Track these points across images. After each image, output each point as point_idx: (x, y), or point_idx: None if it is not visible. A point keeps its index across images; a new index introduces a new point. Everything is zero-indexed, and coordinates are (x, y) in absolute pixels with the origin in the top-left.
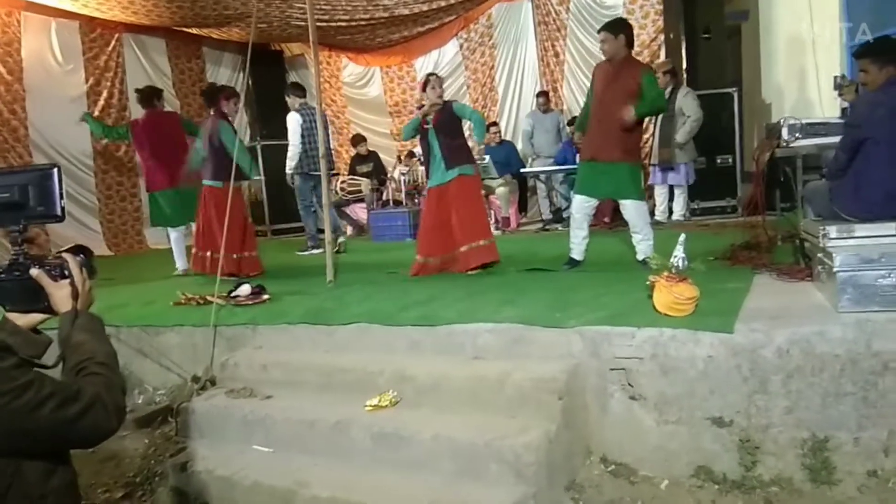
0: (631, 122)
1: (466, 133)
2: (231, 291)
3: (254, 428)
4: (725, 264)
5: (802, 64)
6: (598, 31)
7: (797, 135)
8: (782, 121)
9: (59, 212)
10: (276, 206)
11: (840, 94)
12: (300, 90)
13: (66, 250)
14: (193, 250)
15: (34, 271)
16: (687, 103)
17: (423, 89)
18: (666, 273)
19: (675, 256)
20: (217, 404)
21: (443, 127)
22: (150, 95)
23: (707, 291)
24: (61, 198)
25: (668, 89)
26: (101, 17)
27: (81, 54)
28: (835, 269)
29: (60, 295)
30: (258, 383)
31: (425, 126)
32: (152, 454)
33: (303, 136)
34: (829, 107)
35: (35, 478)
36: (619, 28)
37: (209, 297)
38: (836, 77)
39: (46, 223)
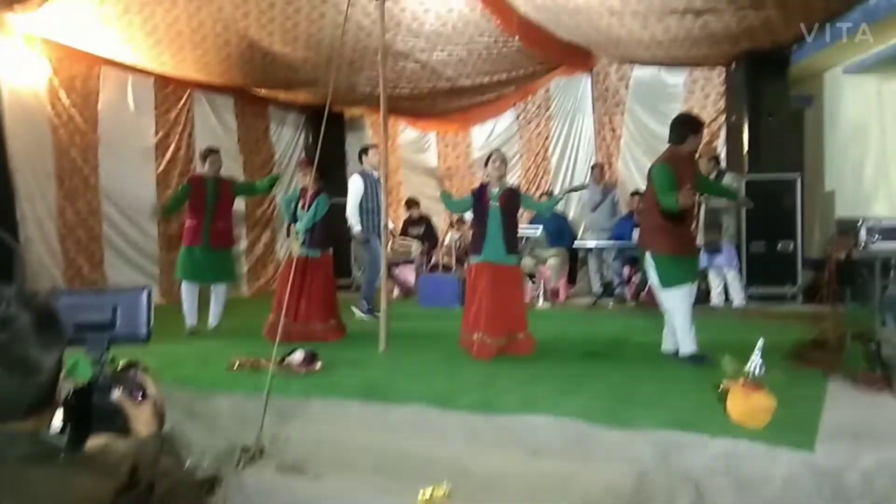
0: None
1: None
2: (284, 358)
3: None
4: (793, 364)
5: (868, 153)
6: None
7: (876, 237)
8: (861, 221)
9: (144, 334)
10: None
11: None
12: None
13: (123, 368)
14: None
15: (117, 394)
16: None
17: (486, 165)
18: (742, 379)
19: (753, 362)
20: (266, 480)
21: (508, 208)
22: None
23: (779, 398)
24: (149, 322)
25: (714, 174)
26: (174, 76)
27: (154, 108)
28: None
29: (141, 418)
30: (309, 460)
31: (488, 201)
32: None
33: (367, 198)
34: None
35: None
36: None
37: (262, 363)
38: None
39: (131, 345)
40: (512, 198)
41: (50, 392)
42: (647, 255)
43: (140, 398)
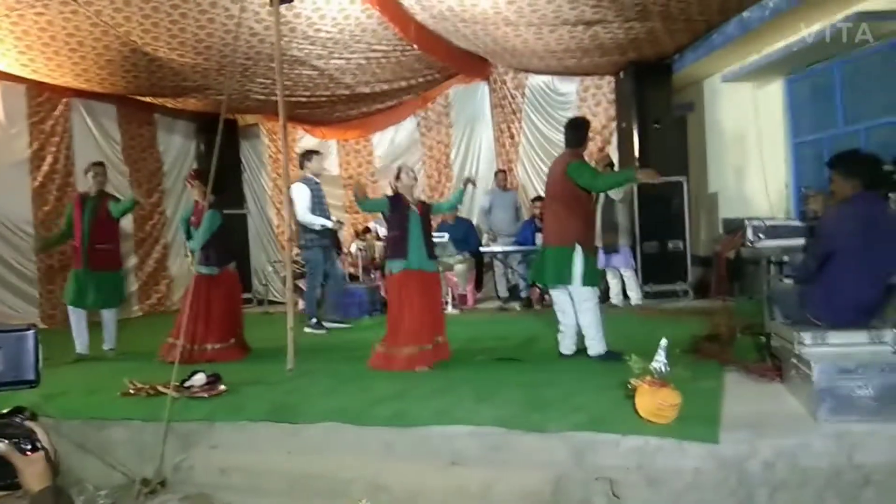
0: None
1: None
2: (184, 381)
3: None
4: (690, 357)
5: (747, 156)
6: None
7: (761, 236)
8: (746, 222)
9: (32, 377)
10: None
11: (806, 205)
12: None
13: (8, 414)
14: (178, 341)
15: (1, 447)
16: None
17: (397, 178)
18: (648, 377)
19: (658, 361)
20: None
21: (426, 217)
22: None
23: (683, 393)
24: (37, 362)
25: None
26: (49, 83)
27: (26, 118)
28: (813, 378)
29: (32, 471)
30: (216, 488)
31: (407, 207)
32: None
33: (311, 206)
34: (774, 198)
35: None
36: None
37: (160, 388)
38: (801, 188)
39: (17, 390)
40: (426, 205)
41: None
42: (577, 251)
43: (30, 449)
